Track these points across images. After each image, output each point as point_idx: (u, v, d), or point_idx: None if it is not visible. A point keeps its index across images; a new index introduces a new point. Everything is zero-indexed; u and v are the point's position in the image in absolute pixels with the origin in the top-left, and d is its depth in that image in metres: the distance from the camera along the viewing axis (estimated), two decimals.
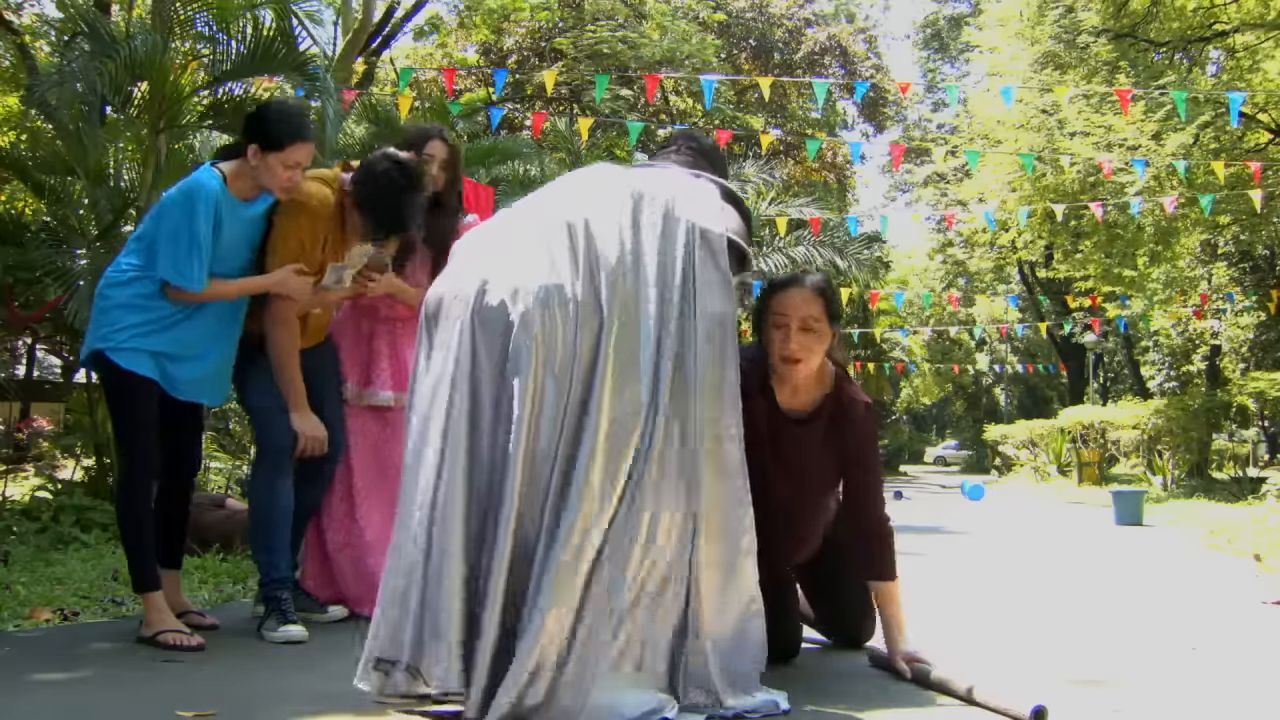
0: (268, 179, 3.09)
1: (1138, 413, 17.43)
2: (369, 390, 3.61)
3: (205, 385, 3.18)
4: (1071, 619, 3.81)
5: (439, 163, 3.66)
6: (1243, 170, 11.95)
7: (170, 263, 2.99)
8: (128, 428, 3.09)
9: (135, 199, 6.28)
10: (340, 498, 3.60)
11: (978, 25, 19.40)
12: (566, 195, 2.48)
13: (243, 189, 3.12)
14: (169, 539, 3.27)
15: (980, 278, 31.60)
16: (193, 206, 2.99)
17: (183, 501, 3.35)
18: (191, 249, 2.97)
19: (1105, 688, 2.65)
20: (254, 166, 3.07)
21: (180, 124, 6.22)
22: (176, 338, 3.06)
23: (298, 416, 3.27)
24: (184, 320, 3.07)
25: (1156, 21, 14.20)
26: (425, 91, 15.96)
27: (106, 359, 3.01)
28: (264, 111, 3.17)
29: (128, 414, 3.06)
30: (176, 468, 3.25)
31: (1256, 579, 5.04)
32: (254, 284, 3.16)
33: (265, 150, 3.05)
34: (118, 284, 3.05)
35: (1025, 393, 40.18)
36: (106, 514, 5.43)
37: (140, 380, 3.02)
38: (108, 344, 3.00)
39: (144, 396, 3.04)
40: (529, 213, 2.47)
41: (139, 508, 3.09)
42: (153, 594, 3.06)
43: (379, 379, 3.62)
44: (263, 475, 3.31)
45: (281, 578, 3.27)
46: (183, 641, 2.95)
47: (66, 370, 11.40)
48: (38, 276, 5.72)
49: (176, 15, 6.46)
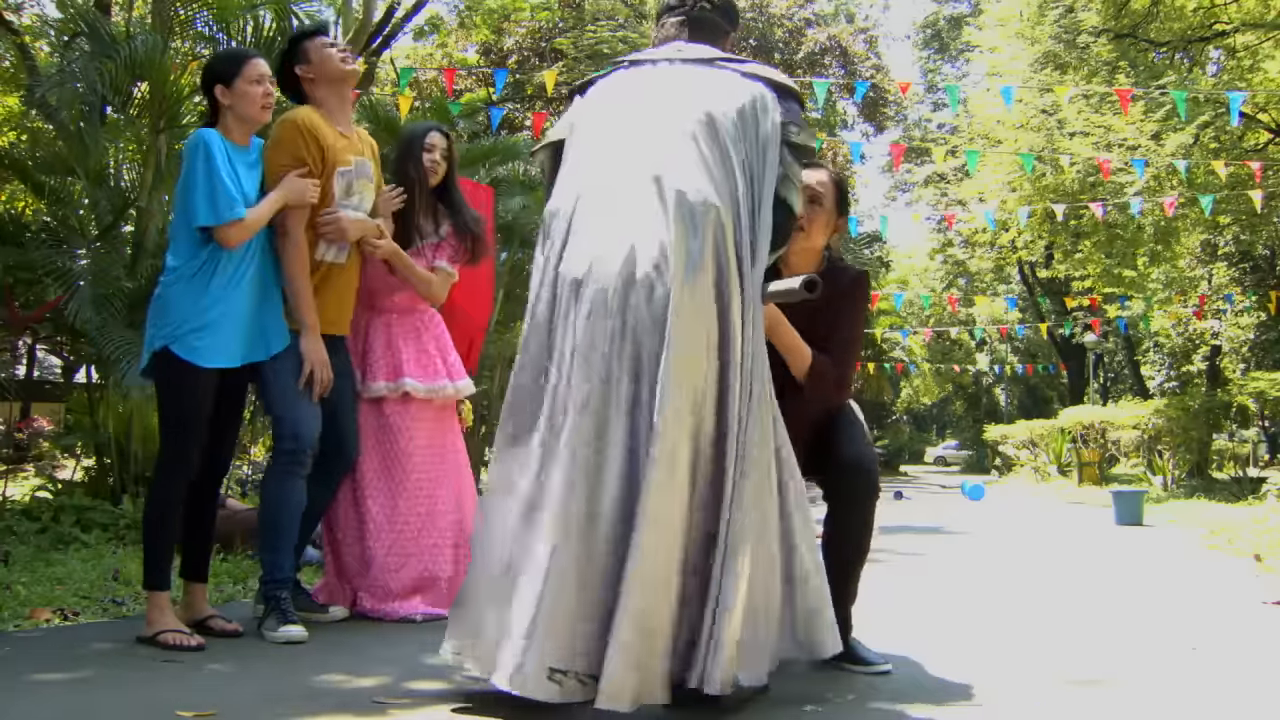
0: (246, 107, 3.19)
1: (1138, 413, 17.42)
2: (366, 384, 3.64)
3: (254, 344, 3.22)
4: (1071, 619, 3.81)
5: (440, 152, 3.76)
6: (1242, 170, 11.95)
7: (208, 206, 3.05)
8: (178, 420, 3.10)
9: (135, 199, 6.28)
10: (345, 492, 3.63)
11: (978, 25, 19.40)
12: (659, 141, 2.44)
13: (235, 136, 3.22)
14: (199, 550, 3.27)
15: (980, 278, 31.60)
16: (207, 151, 3.08)
17: (211, 507, 3.34)
18: (218, 184, 3.06)
19: (1105, 688, 2.65)
20: (229, 106, 3.18)
21: (180, 124, 6.22)
22: (225, 311, 3.11)
23: (306, 339, 3.27)
24: (232, 290, 3.12)
25: (1156, 21, 14.21)
26: (425, 91, 15.97)
27: (171, 353, 3.04)
28: (211, 61, 3.38)
29: (184, 405, 3.08)
30: (209, 467, 3.25)
31: (1256, 579, 5.04)
32: (270, 199, 3.21)
33: (230, 83, 3.17)
34: (170, 284, 3.11)
35: (1025, 393, 40.18)
36: (107, 514, 5.43)
37: (203, 373, 3.07)
38: (170, 339, 3.04)
39: (203, 389, 3.09)
40: (624, 164, 2.45)
41: (169, 503, 3.11)
42: (159, 593, 3.06)
43: (373, 371, 3.65)
44: (277, 475, 3.31)
45: (283, 578, 3.27)
46: (182, 642, 2.95)
47: (67, 370, 11.42)
48: (38, 276, 5.72)
49: (177, 15, 6.47)
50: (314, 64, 3.42)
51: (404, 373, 3.65)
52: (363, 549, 3.61)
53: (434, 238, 3.77)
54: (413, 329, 3.73)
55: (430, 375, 3.70)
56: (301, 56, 3.43)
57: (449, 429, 3.79)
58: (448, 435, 3.77)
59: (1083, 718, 2.34)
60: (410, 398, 3.65)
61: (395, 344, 3.68)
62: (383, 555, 3.58)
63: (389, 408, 3.65)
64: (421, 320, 3.77)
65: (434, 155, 3.74)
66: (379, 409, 3.66)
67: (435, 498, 3.67)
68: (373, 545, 3.59)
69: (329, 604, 3.57)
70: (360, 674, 2.70)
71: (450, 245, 3.77)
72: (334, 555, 3.69)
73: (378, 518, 3.60)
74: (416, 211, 3.73)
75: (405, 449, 3.64)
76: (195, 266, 3.09)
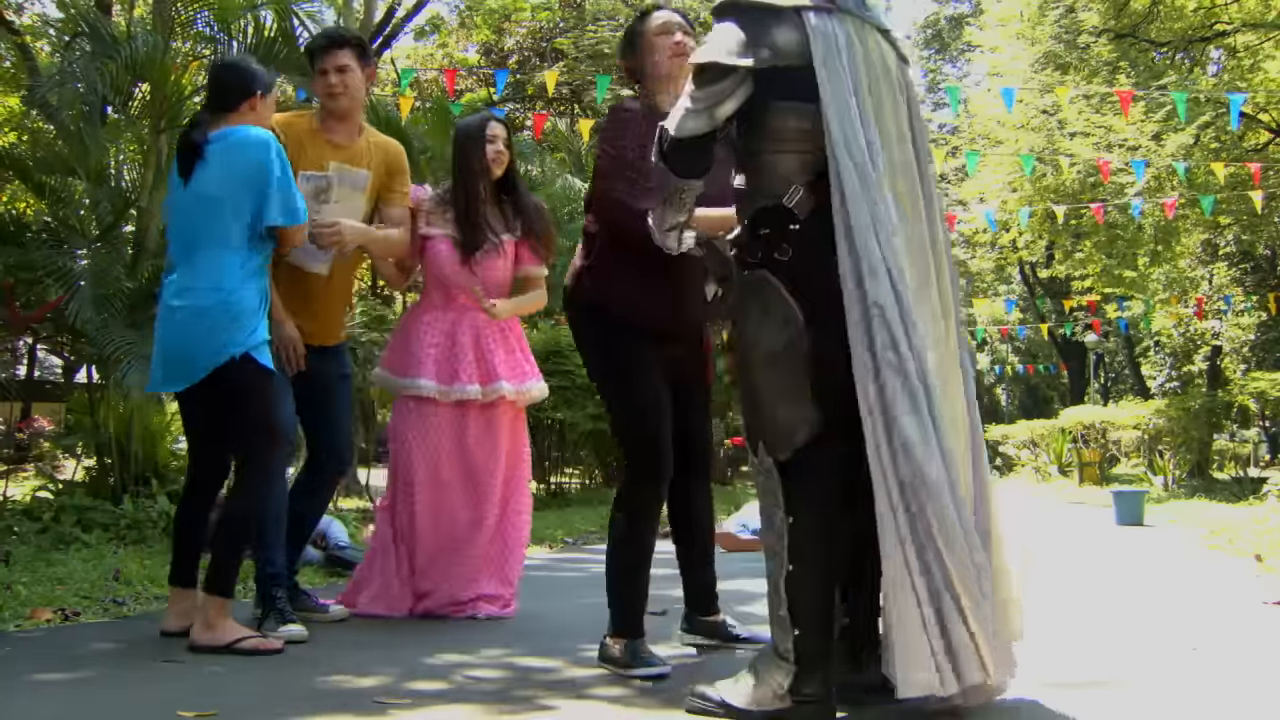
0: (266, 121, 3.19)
1: (1139, 413, 17.40)
2: (457, 386, 3.60)
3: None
4: (1072, 619, 3.81)
5: (502, 141, 3.66)
6: (1243, 170, 11.95)
7: (283, 207, 3.03)
8: (277, 423, 3.09)
9: (136, 199, 6.29)
10: (424, 495, 3.62)
11: (978, 25, 19.40)
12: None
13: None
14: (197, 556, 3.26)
15: (981, 278, 31.59)
16: (279, 150, 3.07)
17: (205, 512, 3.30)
18: (292, 186, 3.07)
19: (1105, 688, 2.65)
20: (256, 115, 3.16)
21: (181, 124, 6.20)
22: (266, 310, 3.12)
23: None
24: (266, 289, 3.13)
25: (1157, 21, 14.21)
26: (426, 92, 15.97)
27: (251, 358, 3.00)
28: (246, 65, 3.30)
29: (274, 405, 3.08)
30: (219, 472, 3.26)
31: (1257, 579, 5.03)
32: None
33: (266, 95, 3.18)
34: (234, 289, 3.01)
35: (1026, 393, 40.16)
36: (107, 514, 5.44)
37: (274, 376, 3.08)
38: (248, 345, 2.99)
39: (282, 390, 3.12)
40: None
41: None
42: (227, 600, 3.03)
43: (466, 373, 3.61)
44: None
45: (276, 573, 3.25)
46: (264, 646, 2.95)
47: (67, 370, 11.43)
48: (39, 277, 5.73)
49: (177, 15, 6.48)
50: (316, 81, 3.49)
51: (498, 375, 3.61)
52: (436, 551, 3.59)
53: (509, 234, 3.69)
54: (499, 329, 3.69)
55: (519, 376, 3.69)
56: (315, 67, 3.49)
57: (522, 428, 3.79)
58: (521, 435, 3.78)
59: (1083, 717, 2.34)
60: (500, 400, 3.63)
61: (485, 345, 3.64)
62: (462, 557, 3.57)
63: (474, 410, 3.62)
64: (506, 320, 3.74)
65: (497, 145, 3.62)
66: (463, 411, 3.62)
67: (516, 497, 3.70)
68: (449, 548, 3.58)
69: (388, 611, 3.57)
70: (360, 674, 2.70)
71: (528, 245, 3.71)
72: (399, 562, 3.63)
73: (462, 519, 3.59)
74: (484, 207, 3.63)
75: (492, 451, 3.63)
76: (255, 266, 3.06)
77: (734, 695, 2.23)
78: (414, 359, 3.63)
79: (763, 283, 2.24)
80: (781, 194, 2.24)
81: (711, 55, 2.25)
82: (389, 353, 3.81)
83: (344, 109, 3.46)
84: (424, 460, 3.62)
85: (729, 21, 2.28)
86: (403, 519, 3.65)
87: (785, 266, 2.23)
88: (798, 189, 2.23)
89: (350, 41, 3.52)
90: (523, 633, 3.06)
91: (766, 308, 2.23)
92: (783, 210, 2.24)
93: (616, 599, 2.75)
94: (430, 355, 3.62)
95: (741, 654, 2.82)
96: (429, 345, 3.63)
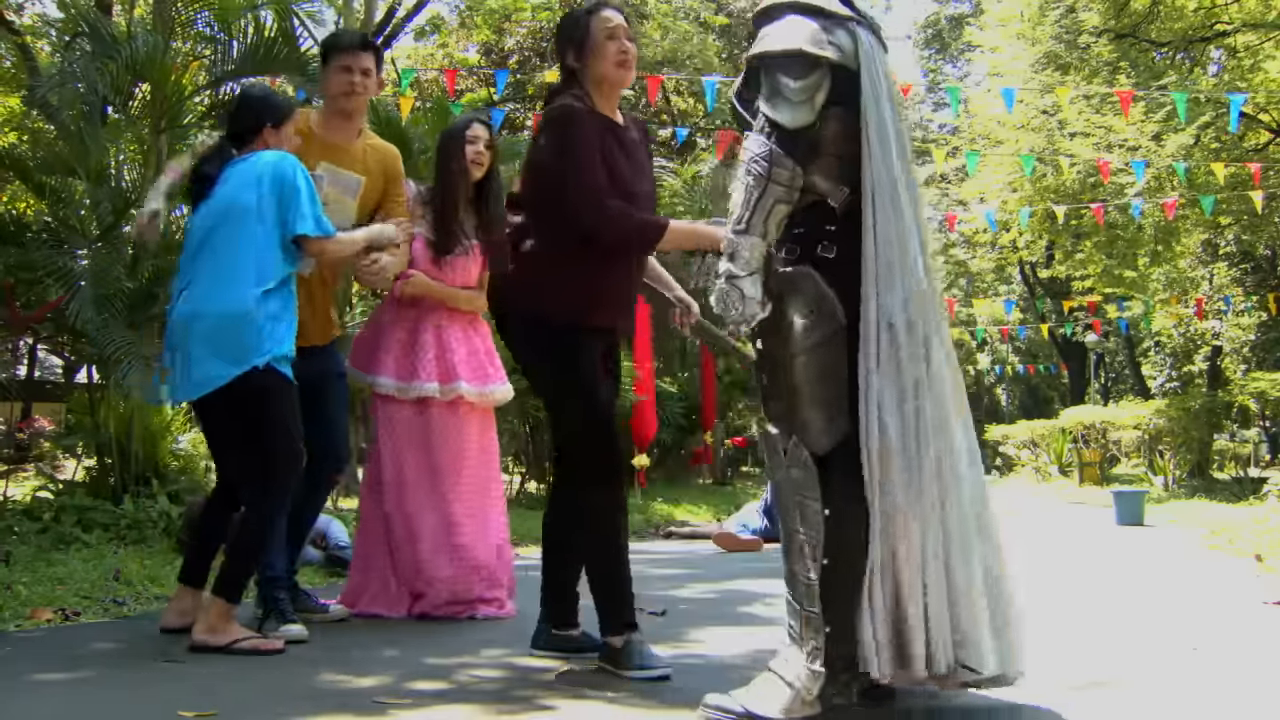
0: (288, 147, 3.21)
1: (1139, 413, 17.40)
2: (415, 383, 3.59)
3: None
4: (1073, 619, 3.81)
5: (483, 142, 3.64)
6: (1243, 170, 11.96)
7: (313, 218, 3.05)
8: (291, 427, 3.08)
9: (136, 199, 6.27)
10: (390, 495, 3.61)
11: (979, 25, 19.41)
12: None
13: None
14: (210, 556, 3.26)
15: (982, 278, 31.59)
16: (301, 168, 3.10)
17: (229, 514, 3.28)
18: (316, 199, 3.10)
19: (1107, 688, 2.65)
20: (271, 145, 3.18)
21: (181, 124, 6.23)
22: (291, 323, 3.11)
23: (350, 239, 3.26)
24: (291, 300, 3.12)
25: (1157, 22, 14.22)
26: (426, 92, 15.96)
27: (274, 369, 3.00)
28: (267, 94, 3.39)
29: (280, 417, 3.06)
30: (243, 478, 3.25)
31: (1257, 579, 5.03)
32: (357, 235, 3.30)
33: (278, 126, 3.20)
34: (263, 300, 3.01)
35: (1026, 393, 40.16)
36: (108, 514, 5.43)
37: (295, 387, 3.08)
38: (270, 355, 2.99)
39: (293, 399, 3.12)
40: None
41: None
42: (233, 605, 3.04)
43: (424, 370, 3.60)
44: None
45: (276, 576, 3.25)
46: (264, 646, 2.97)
47: (68, 370, 11.42)
48: (39, 277, 5.71)
49: (178, 15, 6.47)
50: (323, 78, 3.55)
51: (457, 375, 3.60)
52: (415, 552, 3.57)
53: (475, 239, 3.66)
54: (462, 329, 3.70)
55: (481, 378, 3.68)
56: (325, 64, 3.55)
57: (490, 430, 3.78)
58: (489, 436, 3.76)
59: (1083, 718, 2.34)
60: (460, 400, 3.62)
61: (446, 344, 3.64)
62: (441, 558, 3.56)
63: (436, 409, 3.61)
64: (472, 322, 3.74)
65: (477, 146, 3.60)
66: (424, 409, 3.62)
67: (488, 499, 3.68)
68: (426, 549, 3.56)
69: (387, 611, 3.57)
70: (361, 674, 2.70)
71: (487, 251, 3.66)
72: (392, 561, 3.64)
73: (430, 520, 3.57)
74: (459, 211, 3.63)
75: (457, 451, 3.62)
76: (278, 278, 3.06)
77: (759, 704, 2.17)
78: (375, 356, 3.65)
79: (806, 278, 2.23)
80: (821, 194, 2.25)
81: (797, 42, 2.21)
82: (355, 348, 3.81)
83: (355, 108, 3.51)
84: (390, 459, 3.63)
85: (794, 15, 2.26)
86: (378, 520, 3.66)
87: (828, 264, 2.23)
88: (843, 189, 2.24)
89: (375, 48, 3.60)
90: (523, 633, 3.05)
91: (809, 304, 2.22)
92: (823, 209, 2.25)
93: (604, 599, 2.72)
94: (391, 352, 3.63)
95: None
96: (392, 341, 3.64)
